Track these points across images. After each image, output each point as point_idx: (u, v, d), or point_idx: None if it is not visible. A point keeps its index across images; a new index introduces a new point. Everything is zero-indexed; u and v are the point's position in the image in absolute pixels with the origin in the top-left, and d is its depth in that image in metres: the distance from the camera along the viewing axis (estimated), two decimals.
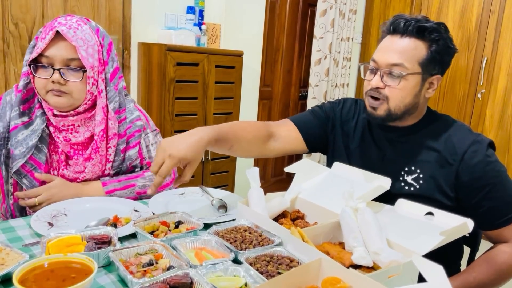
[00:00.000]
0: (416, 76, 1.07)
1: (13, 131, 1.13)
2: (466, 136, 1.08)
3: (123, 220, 1.02)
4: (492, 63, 3.03)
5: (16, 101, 1.14)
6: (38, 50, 1.07)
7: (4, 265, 0.77)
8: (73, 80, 1.11)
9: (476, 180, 1.04)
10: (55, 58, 1.08)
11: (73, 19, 1.12)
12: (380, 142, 1.19)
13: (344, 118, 1.28)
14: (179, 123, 2.46)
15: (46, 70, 1.09)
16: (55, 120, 1.15)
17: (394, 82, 1.06)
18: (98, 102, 1.17)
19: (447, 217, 0.89)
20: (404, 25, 1.06)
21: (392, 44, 1.08)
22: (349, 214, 0.89)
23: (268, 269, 0.79)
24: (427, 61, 1.06)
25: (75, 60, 1.10)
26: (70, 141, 1.17)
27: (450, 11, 3.23)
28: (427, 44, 1.06)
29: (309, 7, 3.56)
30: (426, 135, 1.13)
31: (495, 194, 1.04)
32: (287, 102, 3.65)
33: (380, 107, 1.09)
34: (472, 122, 3.17)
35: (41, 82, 1.10)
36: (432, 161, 1.09)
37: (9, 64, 2.14)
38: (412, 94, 1.08)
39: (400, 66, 1.05)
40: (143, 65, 2.51)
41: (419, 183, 1.10)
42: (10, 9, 2.09)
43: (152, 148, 1.32)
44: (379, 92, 1.08)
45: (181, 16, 2.66)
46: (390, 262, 0.79)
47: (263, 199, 1.03)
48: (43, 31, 1.11)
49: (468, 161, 1.05)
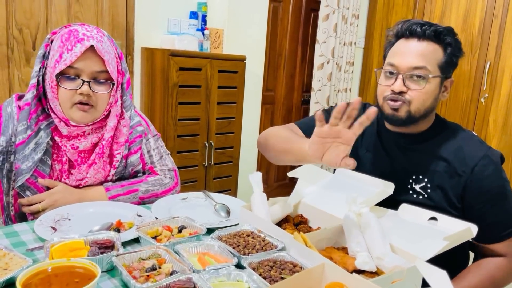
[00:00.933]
0: (437, 79, 1.07)
1: (20, 146, 1.11)
2: (478, 148, 1.08)
3: (126, 225, 1.02)
4: (495, 67, 3.03)
5: (24, 115, 1.11)
6: (67, 62, 1.05)
7: (7, 269, 0.77)
8: (100, 92, 1.11)
9: (483, 193, 1.05)
10: (85, 70, 1.08)
11: (93, 30, 1.11)
12: (390, 148, 1.18)
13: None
14: (182, 128, 2.47)
15: (73, 81, 1.08)
16: (68, 130, 1.14)
17: (419, 85, 1.05)
18: (113, 110, 1.18)
19: (451, 222, 0.89)
20: (421, 29, 1.05)
21: (411, 48, 1.06)
22: (352, 219, 0.89)
23: (271, 274, 0.79)
24: (445, 64, 1.07)
25: (103, 73, 1.11)
26: (77, 149, 1.16)
27: (453, 15, 3.23)
28: (443, 48, 1.07)
29: (311, 12, 3.57)
30: (436, 144, 1.12)
31: (498, 209, 1.05)
32: (290, 106, 3.65)
33: (401, 109, 1.07)
34: (476, 126, 3.16)
35: (68, 94, 1.08)
36: (440, 171, 1.09)
37: (13, 70, 2.15)
38: (433, 97, 1.08)
39: (423, 69, 1.04)
40: (146, 70, 2.52)
41: (427, 192, 1.10)
42: (14, 15, 2.11)
43: (154, 153, 1.32)
44: (402, 96, 1.06)
45: (184, 21, 2.67)
46: (394, 267, 0.79)
47: (266, 204, 1.03)
48: (68, 41, 1.07)
49: (478, 174, 1.04)
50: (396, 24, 1.11)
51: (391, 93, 1.07)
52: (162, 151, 1.35)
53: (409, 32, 1.07)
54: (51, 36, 1.13)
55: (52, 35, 1.13)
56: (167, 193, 1.28)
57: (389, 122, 1.14)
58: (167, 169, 1.33)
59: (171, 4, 2.62)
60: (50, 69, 1.08)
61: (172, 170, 1.34)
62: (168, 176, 1.32)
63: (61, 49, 1.07)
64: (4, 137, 1.11)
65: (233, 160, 2.79)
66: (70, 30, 1.09)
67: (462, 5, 3.18)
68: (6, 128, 1.12)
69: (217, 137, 2.66)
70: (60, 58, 1.07)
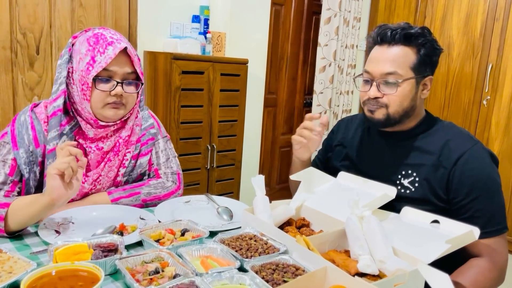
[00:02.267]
0: (411, 81, 1.11)
1: (51, 153, 1.11)
2: (465, 142, 1.10)
3: (130, 228, 1.03)
4: (497, 69, 3.03)
5: (56, 122, 1.11)
6: (103, 64, 1.08)
7: (12, 273, 0.78)
8: (130, 92, 1.15)
9: (465, 186, 1.06)
10: (118, 72, 1.11)
11: (116, 33, 1.14)
12: (379, 147, 1.22)
13: (341, 135, 1.36)
14: (184, 131, 2.47)
15: (107, 83, 1.11)
16: (94, 133, 1.16)
17: (391, 90, 1.11)
18: (135, 109, 1.23)
19: (453, 225, 0.89)
20: (391, 34, 1.11)
21: (382, 54, 1.12)
22: (355, 222, 0.89)
23: (273, 277, 0.79)
24: (418, 65, 1.11)
25: (132, 74, 1.15)
26: (102, 149, 1.19)
27: (454, 18, 3.23)
28: (415, 49, 1.11)
29: (313, 15, 3.58)
30: (425, 138, 1.15)
31: (479, 204, 1.05)
32: (292, 109, 3.66)
33: (379, 111, 1.13)
34: (478, 129, 3.16)
35: (101, 95, 1.11)
36: (428, 165, 1.11)
37: (17, 73, 2.16)
38: (409, 98, 1.12)
39: (394, 74, 1.10)
40: (149, 73, 2.53)
41: (414, 186, 1.12)
42: (18, 19, 2.12)
43: (161, 155, 1.33)
44: (377, 101, 1.12)
45: (186, 25, 2.68)
46: (396, 270, 0.79)
47: (268, 207, 1.03)
48: (98, 45, 1.09)
49: (461, 167, 1.07)
50: (372, 29, 1.17)
51: (368, 98, 1.14)
52: (169, 153, 1.36)
53: (380, 38, 1.13)
54: (72, 40, 1.15)
55: (73, 39, 1.15)
56: (169, 196, 1.29)
57: (370, 124, 1.21)
58: (170, 172, 1.33)
59: (174, 8, 2.63)
60: (82, 72, 1.10)
61: (176, 173, 1.34)
62: (170, 179, 1.32)
63: (92, 52, 1.09)
64: (22, 148, 1.11)
65: (236, 162, 2.80)
66: (95, 34, 1.12)
67: (463, 8, 3.18)
68: (22, 140, 1.11)
69: (219, 140, 2.66)
70: (94, 62, 1.09)
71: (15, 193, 1.12)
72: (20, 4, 2.11)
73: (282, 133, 3.58)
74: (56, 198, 0.96)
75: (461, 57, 3.22)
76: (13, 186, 1.11)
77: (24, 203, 1.00)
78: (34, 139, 1.12)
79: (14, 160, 1.10)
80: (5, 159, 1.10)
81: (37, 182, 1.15)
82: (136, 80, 1.17)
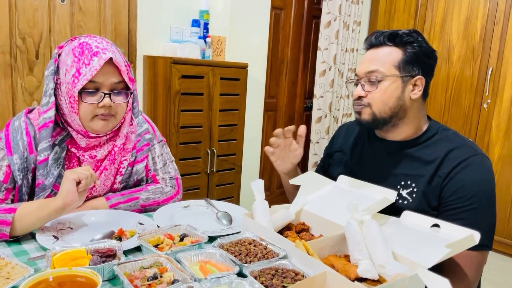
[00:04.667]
0: (394, 78, 1.11)
1: (43, 163, 1.10)
2: (465, 152, 1.08)
3: (128, 233, 1.02)
4: (497, 73, 3.03)
5: (47, 133, 1.09)
6: (88, 76, 1.05)
7: (9, 279, 0.77)
8: (119, 102, 1.13)
9: (453, 194, 1.05)
10: (104, 83, 1.09)
11: (103, 42, 1.11)
12: (380, 155, 1.21)
13: (341, 142, 1.36)
14: (184, 135, 2.47)
15: (94, 95, 1.09)
16: (86, 142, 1.15)
17: (373, 87, 1.13)
18: (127, 117, 1.20)
19: (453, 229, 0.88)
20: (375, 37, 1.15)
21: (368, 56, 1.16)
22: (354, 227, 0.89)
23: (273, 282, 0.78)
24: (404, 63, 1.12)
25: (120, 83, 1.13)
26: (95, 158, 1.17)
27: (454, 22, 3.24)
28: (402, 48, 1.12)
29: (313, 19, 3.59)
30: (426, 148, 1.14)
31: (466, 214, 1.03)
32: (292, 113, 3.66)
33: (364, 112, 1.15)
34: (478, 132, 3.15)
35: (89, 108, 1.09)
36: (426, 175, 1.10)
37: (16, 78, 2.16)
38: (394, 96, 1.12)
39: (375, 72, 1.12)
40: (149, 78, 2.54)
41: (412, 197, 1.12)
42: (18, 24, 2.12)
43: (158, 160, 1.33)
44: (361, 101, 1.15)
45: (186, 29, 2.69)
46: (396, 275, 0.78)
47: (268, 211, 1.02)
48: (83, 55, 1.07)
49: (453, 176, 1.06)
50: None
51: (354, 98, 1.17)
52: (166, 158, 1.35)
53: (368, 45, 1.17)
54: (58, 50, 1.13)
55: (59, 49, 1.13)
56: (168, 201, 1.28)
57: (359, 125, 1.22)
58: (168, 178, 1.33)
59: (173, 12, 2.64)
60: (68, 85, 1.07)
61: (174, 178, 1.34)
62: (169, 184, 1.32)
63: (77, 64, 1.07)
64: (16, 154, 1.10)
65: (236, 167, 2.79)
66: (80, 43, 1.09)
67: (463, 12, 3.19)
68: (16, 146, 1.10)
69: (219, 144, 2.66)
70: (79, 74, 1.06)
71: (8, 201, 1.10)
72: (20, 9, 2.12)
73: None
74: (69, 202, 0.99)
75: (461, 61, 3.22)
76: (7, 194, 1.10)
77: (32, 208, 1.01)
78: (29, 145, 1.11)
79: (8, 166, 1.09)
80: (0, 166, 1.09)
81: (29, 189, 1.13)
82: (124, 89, 1.14)
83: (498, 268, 2.85)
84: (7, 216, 0.97)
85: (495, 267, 2.83)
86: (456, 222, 0.98)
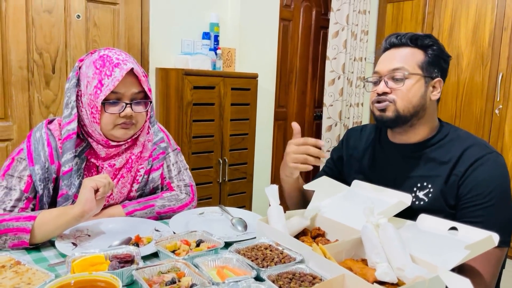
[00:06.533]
0: (418, 77, 1.12)
1: (67, 174, 1.13)
2: (480, 150, 1.09)
3: (145, 240, 1.03)
4: (508, 78, 3.01)
5: (71, 144, 1.12)
6: (110, 87, 1.08)
7: (31, 284, 0.78)
8: (140, 111, 1.16)
9: (469, 193, 1.05)
10: (126, 93, 1.12)
11: (122, 53, 1.14)
12: (394, 159, 1.21)
13: (351, 147, 1.34)
14: (196, 145, 2.49)
15: (116, 105, 1.11)
16: (106, 152, 1.17)
17: (398, 84, 1.13)
18: (145, 126, 1.23)
19: (472, 231, 0.87)
20: (397, 38, 1.16)
21: (390, 55, 1.17)
22: (371, 230, 0.89)
23: (290, 286, 0.78)
24: (426, 64, 1.13)
25: (140, 93, 1.15)
26: (114, 166, 1.20)
27: (462, 29, 3.24)
28: (423, 50, 1.14)
29: (321, 30, 3.62)
30: (440, 149, 1.14)
31: (484, 211, 1.03)
32: (302, 122, 3.66)
33: (388, 109, 1.14)
34: (491, 138, 3.12)
35: (111, 118, 1.11)
36: (443, 175, 1.10)
37: (33, 92, 2.22)
38: (418, 95, 1.12)
39: (401, 69, 1.12)
40: (161, 89, 2.57)
41: (428, 197, 1.12)
42: (35, 40, 2.18)
43: (173, 168, 1.34)
44: (386, 96, 1.14)
45: (197, 42, 2.73)
46: (415, 277, 0.78)
47: (283, 217, 1.03)
48: (105, 67, 1.09)
49: (471, 172, 1.06)
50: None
51: (376, 96, 1.15)
52: (181, 166, 1.37)
53: (389, 44, 1.18)
54: (79, 63, 1.16)
55: (79, 62, 1.16)
56: (183, 208, 1.29)
57: (380, 124, 1.20)
58: (183, 185, 1.34)
59: (184, 25, 2.69)
60: (90, 96, 1.10)
61: (189, 186, 1.35)
62: (184, 191, 1.33)
63: (99, 75, 1.09)
64: (38, 165, 1.12)
65: (247, 176, 2.80)
66: (101, 56, 1.12)
67: (471, 18, 3.19)
68: (38, 157, 1.12)
69: (230, 153, 2.67)
70: (101, 85, 1.09)
71: (29, 210, 1.12)
72: (37, 25, 2.18)
73: None
74: (87, 210, 1.01)
75: (470, 67, 3.21)
76: (27, 203, 1.12)
77: (51, 215, 1.03)
78: (50, 155, 1.13)
79: (29, 176, 1.12)
80: (21, 176, 1.11)
81: (50, 198, 1.16)
82: (144, 99, 1.17)
83: None
84: (27, 224, 0.99)
85: None
86: (474, 219, 0.99)
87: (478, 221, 1.00)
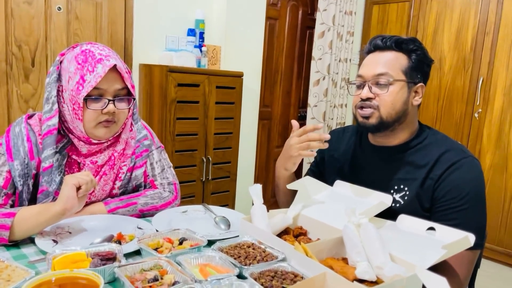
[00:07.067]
0: (402, 83, 1.14)
1: (47, 170, 1.11)
2: (457, 154, 1.11)
3: (127, 237, 1.03)
4: (488, 83, 3.09)
5: (51, 140, 1.10)
6: (93, 83, 1.06)
7: (10, 281, 0.77)
8: (122, 108, 1.14)
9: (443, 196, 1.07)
10: (108, 90, 1.10)
11: (105, 48, 1.12)
12: (373, 162, 1.24)
13: (333, 148, 1.34)
14: (180, 143, 2.48)
15: (98, 102, 1.09)
16: (87, 149, 1.15)
17: (383, 90, 1.13)
18: (127, 123, 1.21)
19: (448, 232, 0.90)
20: (382, 41, 1.16)
21: (374, 58, 1.17)
22: (352, 230, 0.90)
23: (272, 284, 0.79)
24: (409, 69, 1.14)
25: (123, 90, 1.14)
26: (96, 163, 1.18)
27: (445, 32, 3.31)
28: (407, 55, 1.15)
29: (307, 30, 3.64)
30: (418, 153, 1.16)
31: (459, 215, 1.06)
32: (287, 122, 3.68)
33: (372, 115, 1.15)
34: (470, 141, 3.20)
35: (94, 114, 1.09)
36: (419, 179, 1.13)
37: (12, 86, 2.17)
38: (401, 101, 1.14)
39: (385, 75, 1.13)
40: (145, 86, 2.55)
41: (404, 199, 1.14)
42: (14, 32, 2.13)
43: (156, 166, 1.33)
44: (370, 102, 1.14)
45: (182, 38, 2.71)
46: (394, 276, 0.80)
47: (266, 216, 1.04)
48: (87, 63, 1.07)
49: (447, 176, 1.09)
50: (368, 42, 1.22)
51: (360, 101, 1.16)
52: (164, 164, 1.36)
53: (373, 47, 1.18)
54: (60, 57, 1.13)
55: (61, 56, 1.13)
56: (166, 206, 1.29)
57: (362, 129, 1.22)
58: (166, 183, 1.33)
59: (169, 21, 2.67)
60: (72, 92, 1.08)
61: (172, 184, 1.34)
62: (167, 189, 1.32)
63: (81, 71, 1.07)
64: (17, 160, 1.10)
65: (231, 175, 2.80)
66: (83, 51, 1.10)
67: (454, 23, 3.26)
68: (17, 152, 1.10)
69: (214, 152, 2.67)
70: (84, 81, 1.07)
71: (7, 206, 1.10)
72: (16, 16, 2.13)
73: (277, 146, 3.60)
74: (69, 207, 1.00)
75: (452, 71, 3.28)
76: (6, 199, 1.10)
77: (32, 212, 1.01)
78: (30, 151, 1.11)
79: (8, 172, 1.09)
80: (0, 171, 1.09)
81: (30, 195, 1.14)
82: (127, 96, 1.16)
83: (490, 276, 2.87)
84: (6, 220, 0.97)
85: (488, 274, 2.85)
86: (449, 222, 1.01)
87: (452, 224, 1.02)
